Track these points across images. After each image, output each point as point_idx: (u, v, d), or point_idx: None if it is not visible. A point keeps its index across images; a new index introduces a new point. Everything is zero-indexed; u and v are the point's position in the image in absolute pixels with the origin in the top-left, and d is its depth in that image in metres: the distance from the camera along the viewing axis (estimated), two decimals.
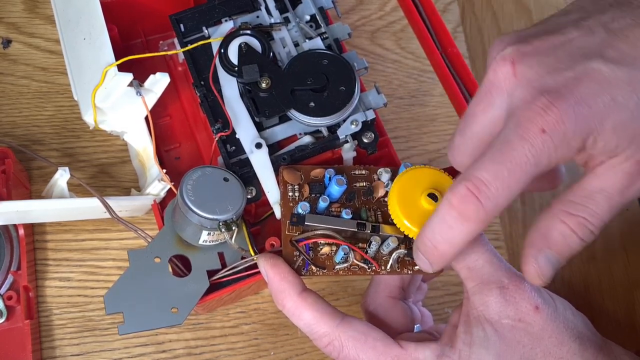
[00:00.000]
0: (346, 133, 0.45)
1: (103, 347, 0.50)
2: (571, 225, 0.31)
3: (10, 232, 0.49)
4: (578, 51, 0.31)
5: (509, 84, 0.31)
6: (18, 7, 0.60)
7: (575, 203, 0.31)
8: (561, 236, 0.31)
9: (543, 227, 0.32)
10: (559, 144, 0.29)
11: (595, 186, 0.31)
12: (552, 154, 0.29)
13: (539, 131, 0.29)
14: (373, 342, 0.37)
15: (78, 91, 0.47)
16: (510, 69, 0.31)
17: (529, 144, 0.29)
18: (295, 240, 0.39)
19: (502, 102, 0.32)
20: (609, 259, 0.55)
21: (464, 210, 0.31)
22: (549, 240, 0.32)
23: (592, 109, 0.29)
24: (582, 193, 0.31)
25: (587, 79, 0.29)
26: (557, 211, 0.31)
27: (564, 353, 0.34)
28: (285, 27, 0.48)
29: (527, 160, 0.29)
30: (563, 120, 0.29)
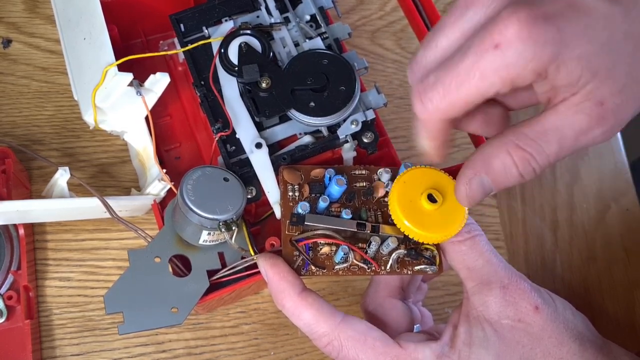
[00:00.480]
0: (346, 133, 0.44)
1: (103, 347, 0.50)
2: (515, 158, 0.30)
3: (10, 232, 0.49)
4: None
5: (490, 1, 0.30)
6: (18, 7, 0.60)
7: (527, 137, 0.30)
8: (502, 166, 0.31)
9: (487, 152, 0.31)
10: (511, 61, 0.28)
11: (552, 123, 0.30)
12: (503, 72, 0.28)
13: (492, 46, 0.28)
14: (373, 342, 0.37)
15: (78, 91, 0.47)
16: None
17: (477, 57, 0.29)
18: (295, 240, 0.39)
19: (476, 15, 0.30)
20: (609, 259, 0.55)
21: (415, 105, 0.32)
22: (488, 166, 0.31)
23: (561, 32, 0.28)
24: (537, 128, 0.30)
25: (567, 4, 0.28)
26: (507, 140, 0.31)
27: (563, 353, 0.34)
28: (286, 27, 0.48)
29: (472, 73, 0.29)
30: (522, 38, 0.28)
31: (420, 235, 0.37)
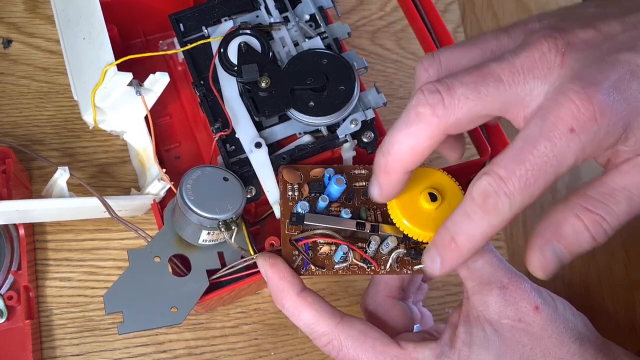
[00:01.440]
0: (346, 132, 0.44)
1: (103, 347, 0.50)
2: (586, 221, 0.30)
3: (10, 232, 0.49)
4: (621, 46, 0.29)
5: (552, 73, 0.29)
6: (18, 7, 0.60)
7: (594, 199, 0.30)
8: (573, 231, 0.30)
9: (556, 219, 0.31)
10: (588, 144, 0.28)
11: (617, 184, 0.29)
12: (580, 153, 0.28)
13: (567, 130, 0.27)
14: (372, 341, 0.37)
15: (78, 91, 0.47)
16: (560, 59, 0.29)
17: (552, 143, 0.28)
18: (295, 239, 0.39)
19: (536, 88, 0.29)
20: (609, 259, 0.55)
21: (485, 204, 0.29)
22: (559, 233, 0.30)
23: (630, 105, 0.28)
24: (602, 189, 0.30)
25: (628, 74, 0.28)
26: (574, 204, 0.30)
27: (563, 353, 0.34)
28: (285, 27, 0.48)
29: (548, 160, 0.28)
30: (596, 118, 0.27)
31: (420, 235, 0.37)
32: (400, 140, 0.31)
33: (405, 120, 0.31)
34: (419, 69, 0.33)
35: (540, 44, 0.29)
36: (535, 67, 0.29)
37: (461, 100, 0.30)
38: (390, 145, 0.32)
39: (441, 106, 0.30)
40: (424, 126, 0.30)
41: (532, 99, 0.29)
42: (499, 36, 0.32)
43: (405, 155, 0.32)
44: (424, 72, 0.33)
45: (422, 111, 0.30)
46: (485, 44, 0.32)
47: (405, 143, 0.31)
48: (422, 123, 0.30)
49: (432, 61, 0.33)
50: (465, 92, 0.30)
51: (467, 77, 0.30)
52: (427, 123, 0.30)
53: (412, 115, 0.31)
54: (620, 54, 0.29)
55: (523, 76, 0.29)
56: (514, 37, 0.31)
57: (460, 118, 0.30)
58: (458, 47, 0.32)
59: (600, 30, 0.30)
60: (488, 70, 0.30)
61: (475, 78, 0.30)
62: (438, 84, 0.30)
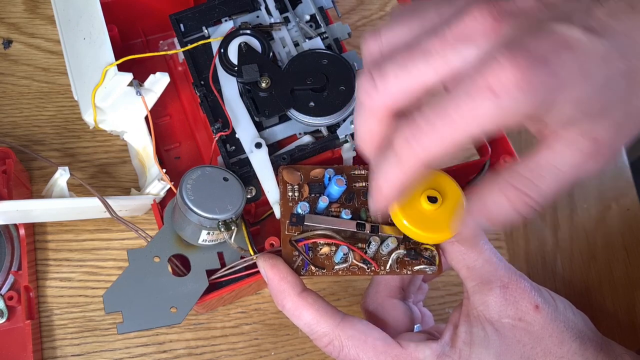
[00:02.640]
0: (346, 133, 0.44)
1: (104, 347, 0.50)
2: (512, 198, 0.30)
3: (11, 233, 0.49)
4: (561, 15, 0.29)
5: (484, 40, 0.29)
6: (19, 8, 0.60)
7: (521, 176, 0.30)
8: (498, 208, 0.30)
9: (482, 195, 0.31)
10: (506, 107, 0.27)
11: (546, 161, 0.29)
12: (496, 117, 0.28)
13: (487, 90, 0.27)
14: (373, 341, 0.37)
15: (78, 91, 0.48)
16: (492, 24, 0.29)
17: (471, 99, 0.28)
18: (295, 240, 0.39)
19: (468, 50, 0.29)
20: (610, 259, 0.55)
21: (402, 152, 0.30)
22: (485, 209, 0.31)
23: (557, 77, 0.27)
24: (530, 165, 0.30)
25: (562, 46, 0.28)
26: (503, 181, 0.30)
27: (564, 352, 0.34)
28: (285, 27, 0.48)
29: (466, 119, 0.28)
30: (519, 85, 0.27)
31: (420, 236, 0.37)
32: (357, 125, 0.33)
33: (356, 107, 0.33)
34: (363, 49, 0.33)
35: (474, 11, 0.29)
36: (467, 34, 0.29)
37: (391, 80, 0.30)
38: (355, 129, 0.34)
39: (374, 90, 0.31)
40: (367, 111, 0.32)
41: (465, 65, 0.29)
42: (439, 6, 0.31)
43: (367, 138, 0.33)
44: (366, 47, 0.33)
45: (361, 98, 0.31)
46: (425, 15, 0.32)
47: (361, 128, 0.33)
48: (364, 108, 0.32)
49: (374, 36, 0.33)
50: (394, 70, 0.30)
51: (398, 56, 0.30)
52: (368, 108, 0.31)
53: (358, 104, 0.32)
54: (557, 24, 0.28)
55: (453, 44, 0.29)
56: (454, 4, 0.31)
57: (395, 96, 0.30)
58: (398, 21, 0.32)
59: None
60: (418, 46, 0.30)
61: (405, 55, 0.30)
62: (371, 67, 0.31)
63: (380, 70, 0.31)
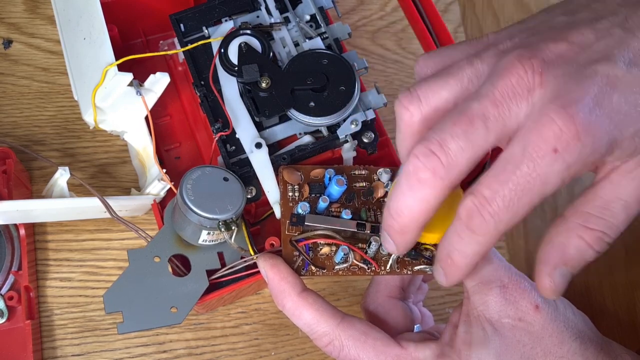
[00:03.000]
0: (346, 133, 0.44)
1: (104, 347, 0.50)
2: (588, 240, 0.30)
3: (11, 233, 0.49)
4: (598, 56, 0.28)
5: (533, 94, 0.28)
6: (19, 8, 0.60)
7: (592, 215, 0.30)
8: (577, 252, 0.30)
9: (558, 242, 0.31)
10: (572, 163, 0.27)
11: (611, 195, 0.29)
12: (565, 173, 0.28)
13: (550, 151, 0.27)
14: (373, 341, 0.37)
15: (78, 91, 0.48)
16: (538, 79, 0.28)
17: (535, 164, 0.27)
18: (295, 240, 0.39)
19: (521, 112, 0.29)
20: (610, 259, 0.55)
21: (471, 223, 0.30)
22: (564, 256, 0.31)
23: (613, 120, 0.27)
24: (598, 203, 0.30)
25: (610, 86, 0.28)
26: (574, 225, 0.30)
27: (564, 352, 0.34)
28: (285, 27, 0.48)
29: (532, 181, 0.28)
30: (580, 138, 0.27)
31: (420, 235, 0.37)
32: (411, 205, 0.31)
33: (408, 185, 0.31)
34: (399, 109, 0.32)
35: (515, 67, 0.29)
36: (516, 93, 0.28)
37: (458, 155, 0.29)
38: (401, 209, 0.32)
39: (441, 167, 0.29)
40: (430, 189, 0.30)
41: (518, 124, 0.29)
42: (472, 62, 0.31)
43: (418, 216, 0.32)
44: (405, 111, 0.32)
45: (424, 177, 0.30)
46: (461, 73, 0.31)
47: (416, 207, 0.31)
48: (427, 187, 0.30)
49: (412, 99, 0.32)
50: (459, 145, 0.29)
51: (455, 127, 0.29)
52: (432, 186, 0.30)
53: (414, 182, 0.30)
54: (597, 65, 0.28)
55: (506, 105, 0.29)
56: (487, 61, 0.31)
57: (463, 169, 0.30)
58: (434, 80, 0.32)
59: (574, 41, 0.29)
60: (472, 113, 0.29)
61: (463, 126, 0.29)
62: (429, 144, 0.29)
63: (441, 145, 0.29)
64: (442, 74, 0.32)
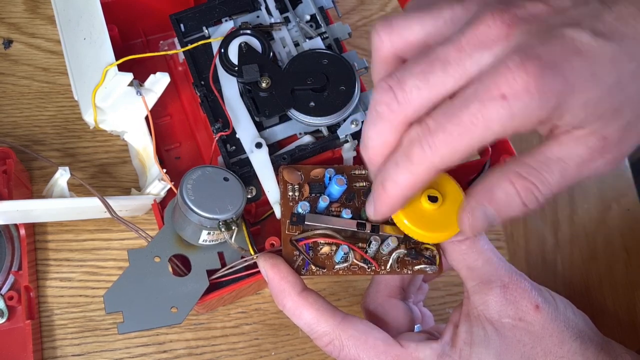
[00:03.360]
0: (346, 132, 0.44)
1: (104, 347, 0.50)
2: (518, 187, 0.30)
3: (11, 232, 0.49)
4: (570, 20, 0.29)
5: (497, 46, 0.29)
6: (19, 8, 0.60)
7: (529, 166, 0.30)
8: (504, 195, 0.30)
9: (489, 182, 0.31)
10: (517, 113, 0.28)
11: (554, 154, 0.30)
12: (507, 122, 0.28)
13: (498, 95, 0.28)
14: (374, 341, 0.37)
15: (78, 91, 0.48)
16: (504, 30, 0.29)
17: (482, 105, 0.28)
18: (295, 239, 0.39)
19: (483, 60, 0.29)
20: (610, 259, 0.55)
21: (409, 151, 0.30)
22: (491, 195, 0.31)
23: (567, 81, 0.28)
24: (538, 157, 0.30)
25: (572, 51, 0.28)
26: (509, 170, 0.30)
27: (564, 352, 0.34)
28: (286, 27, 0.48)
29: (475, 123, 0.28)
30: (529, 90, 0.27)
31: (420, 235, 0.37)
32: (372, 136, 0.32)
33: (370, 118, 0.32)
34: (374, 36, 0.33)
35: (487, 17, 0.29)
36: (481, 41, 0.29)
37: (413, 92, 0.30)
38: (366, 140, 0.33)
39: (395, 102, 0.30)
40: (385, 123, 0.31)
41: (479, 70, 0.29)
42: (453, 6, 0.32)
43: (379, 149, 0.33)
44: (378, 39, 0.33)
45: (379, 110, 0.31)
46: (439, 14, 0.32)
47: (376, 139, 0.32)
48: (383, 120, 0.31)
49: (385, 28, 0.33)
50: (415, 83, 0.30)
51: (416, 67, 0.30)
52: (387, 120, 0.31)
53: (373, 113, 0.32)
54: (566, 28, 0.28)
55: (469, 51, 0.29)
56: (467, 8, 0.31)
57: (417, 107, 0.30)
58: (412, 15, 0.32)
59: (550, 3, 0.30)
60: (435, 56, 0.30)
61: (423, 67, 0.30)
62: (390, 80, 0.31)
63: (399, 82, 0.30)
64: (422, 10, 0.32)
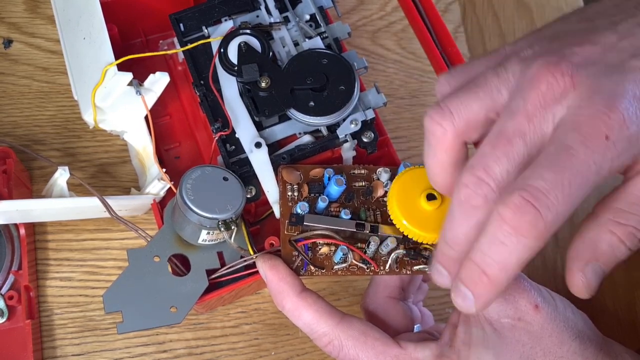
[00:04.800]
0: (346, 132, 0.44)
1: (104, 347, 0.50)
2: (620, 235, 0.30)
3: (11, 232, 0.49)
4: (625, 54, 0.29)
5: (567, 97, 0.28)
6: (19, 7, 0.60)
7: (623, 211, 0.29)
8: (609, 247, 0.30)
9: (589, 238, 0.30)
10: (622, 151, 0.27)
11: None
12: (615, 161, 0.27)
13: (603, 137, 0.27)
14: (373, 341, 0.37)
15: (78, 90, 0.48)
16: (570, 81, 0.28)
17: (591, 150, 0.27)
18: (294, 240, 0.39)
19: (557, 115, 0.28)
20: None
21: (519, 223, 0.27)
22: (596, 251, 0.30)
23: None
24: (630, 199, 0.29)
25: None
26: (605, 220, 0.30)
27: (564, 352, 0.34)
28: (285, 27, 0.48)
29: (588, 168, 0.27)
30: (627, 126, 0.27)
31: (419, 235, 0.37)
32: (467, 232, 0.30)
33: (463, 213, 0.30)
34: (431, 125, 0.31)
35: (544, 74, 0.28)
36: (548, 101, 0.28)
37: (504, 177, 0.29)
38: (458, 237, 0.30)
39: (491, 192, 0.29)
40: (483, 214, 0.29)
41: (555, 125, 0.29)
42: (497, 72, 0.31)
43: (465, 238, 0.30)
44: (438, 127, 0.31)
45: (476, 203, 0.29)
46: (488, 84, 0.31)
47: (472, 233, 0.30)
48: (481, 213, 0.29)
49: (444, 114, 0.31)
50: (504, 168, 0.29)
51: (495, 151, 0.29)
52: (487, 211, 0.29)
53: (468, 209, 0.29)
54: (627, 62, 0.28)
55: (540, 116, 0.28)
56: (511, 69, 0.30)
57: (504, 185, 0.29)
58: (463, 93, 0.31)
59: (598, 43, 0.29)
60: (509, 132, 0.29)
61: (503, 148, 0.29)
62: (476, 171, 0.29)
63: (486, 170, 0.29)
64: (469, 86, 0.31)
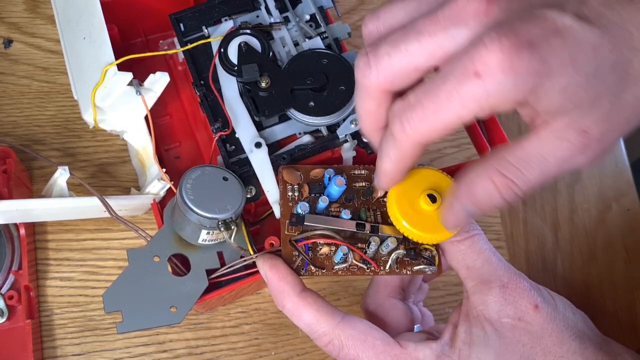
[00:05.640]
0: (346, 132, 0.44)
1: (104, 347, 0.50)
2: (498, 184, 0.30)
3: (11, 232, 0.49)
4: (553, 1, 0.28)
5: (475, 22, 0.29)
6: (19, 7, 0.60)
7: (508, 163, 0.30)
8: (484, 192, 0.31)
9: (469, 179, 0.31)
10: (492, 92, 0.27)
11: (534, 149, 0.29)
12: (483, 101, 0.28)
13: (472, 73, 0.27)
14: (373, 341, 0.37)
15: (78, 90, 0.48)
16: (484, 6, 0.28)
17: (457, 81, 0.28)
18: (295, 240, 0.39)
19: (459, 34, 0.29)
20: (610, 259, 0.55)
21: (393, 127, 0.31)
22: (471, 192, 0.31)
23: (545, 64, 0.27)
24: (518, 153, 0.30)
25: (552, 32, 0.27)
26: (489, 166, 0.30)
27: (564, 352, 0.34)
28: (285, 27, 0.48)
29: (450, 99, 0.28)
30: (503, 68, 0.27)
31: (419, 236, 0.37)
32: (358, 107, 0.34)
33: (356, 88, 0.33)
34: (363, 29, 0.34)
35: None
36: (459, 16, 0.29)
37: (384, 58, 0.31)
38: (357, 112, 0.35)
39: (367, 68, 0.31)
40: (362, 89, 0.32)
41: (456, 46, 0.29)
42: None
43: (366, 120, 0.34)
44: (365, 28, 0.34)
45: (357, 77, 0.32)
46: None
47: (360, 110, 0.34)
48: (360, 88, 0.32)
49: (372, 18, 0.33)
50: (387, 50, 0.31)
51: (391, 36, 0.31)
52: (363, 86, 0.32)
53: (357, 84, 0.33)
54: (549, 9, 0.28)
55: (443, 24, 0.29)
56: None
57: (388, 74, 0.31)
58: (397, 2, 0.33)
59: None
60: (411, 26, 0.30)
61: (398, 36, 0.31)
62: (368, 47, 0.31)
63: (375, 50, 0.31)
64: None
